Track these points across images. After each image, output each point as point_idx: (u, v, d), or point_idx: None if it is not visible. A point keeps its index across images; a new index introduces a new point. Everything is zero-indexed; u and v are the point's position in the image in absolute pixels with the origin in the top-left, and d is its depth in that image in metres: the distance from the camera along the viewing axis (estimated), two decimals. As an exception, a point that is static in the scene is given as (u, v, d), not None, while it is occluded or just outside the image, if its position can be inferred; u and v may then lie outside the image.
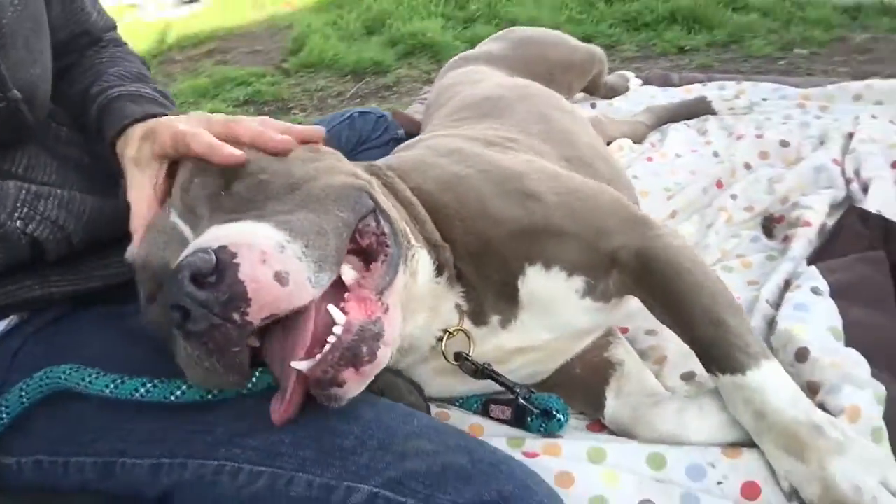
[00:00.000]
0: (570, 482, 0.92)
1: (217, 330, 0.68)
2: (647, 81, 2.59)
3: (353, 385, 0.74)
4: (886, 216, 1.43)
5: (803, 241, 1.41)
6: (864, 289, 1.20)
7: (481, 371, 1.02)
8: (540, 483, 0.76)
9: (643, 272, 1.04)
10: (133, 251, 0.89)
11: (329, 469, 0.75)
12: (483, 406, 1.12)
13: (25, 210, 0.89)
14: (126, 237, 1.04)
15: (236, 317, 0.68)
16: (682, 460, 0.95)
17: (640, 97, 2.46)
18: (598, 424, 1.11)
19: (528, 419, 1.06)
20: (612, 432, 1.08)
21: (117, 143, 1.02)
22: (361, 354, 0.73)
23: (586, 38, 3.24)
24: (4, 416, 0.83)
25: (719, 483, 0.92)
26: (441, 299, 1.01)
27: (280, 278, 0.70)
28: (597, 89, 2.33)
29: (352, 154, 1.65)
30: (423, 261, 0.98)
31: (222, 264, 0.68)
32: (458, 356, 1.02)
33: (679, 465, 0.94)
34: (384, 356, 0.75)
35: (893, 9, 3.09)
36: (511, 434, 1.05)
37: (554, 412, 1.04)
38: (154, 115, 1.00)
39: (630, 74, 2.55)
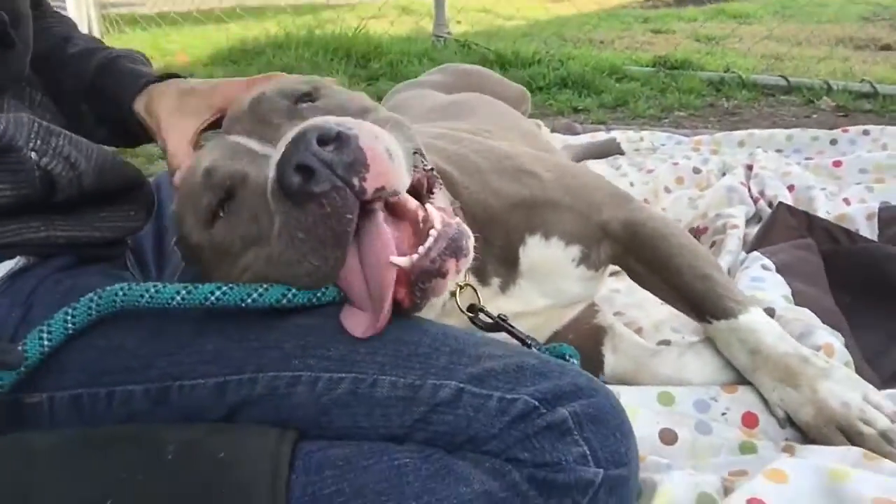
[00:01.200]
0: (593, 418, 0.98)
1: (336, 193, 0.70)
2: (553, 130, 2.81)
3: (451, 278, 0.76)
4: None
5: (734, 238, 1.58)
6: (802, 267, 1.37)
7: (495, 324, 1.07)
8: (597, 381, 0.81)
9: (632, 240, 1.15)
10: (181, 175, 0.89)
11: (411, 371, 0.76)
12: (488, 369, 1.16)
13: (39, 142, 0.86)
14: (128, 195, 1.03)
15: (355, 181, 0.71)
16: (688, 396, 1.04)
17: (553, 141, 2.65)
18: (594, 383, 1.18)
19: (541, 369, 1.11)
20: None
21: (137, 99, 1.06)
22: (462, 246, 0.77)
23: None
24: (46, 344, 0.77)
25: (723, 414, 1.02)
26: None
27: (390, 154, 0.74)
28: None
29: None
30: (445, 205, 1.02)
31: (343, 134, 0.71)
32: (472, 308, 1.06)
33: (686, 400, 1.04)
34: (472, 253, 0.79)
35: (750, 83, 3.54)
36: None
37: (567, 357, 1.10)
38: (168, 76, 1.08)
39: (541, 122, 2.74)
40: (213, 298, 0.78)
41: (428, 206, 0.80)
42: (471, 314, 1.06)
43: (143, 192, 1.06)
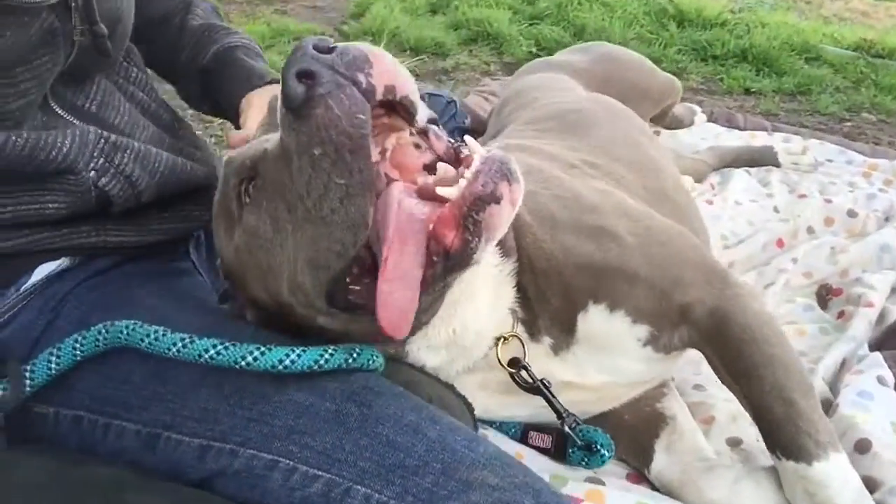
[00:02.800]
0: (610, 536, 0.89)
1: (342, 92, 0.66)
2: (712, 118, 2.54)
3: (507, 208, 0.70)
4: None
5: (864, 322, 1.37)
6: (928, 387, 1.16)
7: (534, 387, 0.98)
8: None
9: (716, 333, 1.00)
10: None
11: (389, 486, 0.71)
12: (522, 433, 1.08)
13: (102, 161, 0.86)
14: (193, 195, 1.02)
15: (361, 77, 0.67)
16: (729, 533, 0.92)
17: (705, 133, 2.41)
18: (637, 475, 1.08)
19: (570, 450, 1.03)
20: (651, 486, 1.05)
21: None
22: (513, 169, 0.71)
23: (653, 60, 3.20)
24: (54, 368, 0.79)
25: (764, 565, 0.89)
26: (501, 288, 0.97)
27: (392, 61, 0.70)
28: (662, 118, 2.28)
29: (418, 136, 1.61)
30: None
31: (339, 45, 0.68)
32: (515, 362, 0.98)
33: (724, 537, 0.91)
34: (522, 181, 0.73)
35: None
36: (554, 471, 1.01)
37: (598, 447, 1.01)
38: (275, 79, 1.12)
39: (697, 108, 2.49)
40: (206, 357, 0.75)
41: (469, 139, 0.74)
42: (512, 369, 0.99)
43: (210, 191, 1.04)
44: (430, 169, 0.78)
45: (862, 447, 1.02)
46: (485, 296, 0.94)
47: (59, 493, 0.70)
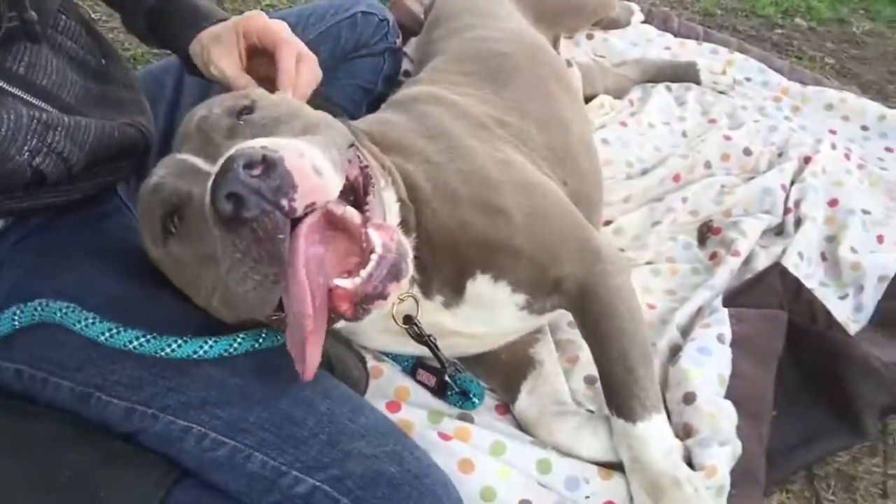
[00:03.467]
0: (470, 469, 1.10)
1: (267, 216, 0.76)
2: (647, 19, 2.57)
3: (392, 298, 0.83)
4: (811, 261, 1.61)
5: (726, 271, 1.56)
6: (758, 343, 1.37)
7: (424, 340, 1.15)
8: (451, 496, 0.92)
9: (581, 303, 1.18)
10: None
11: (283, 454, 0.88)
12: (413, 367, 1.27)
13: (34, 142, 0.91)
14: (120, 154, 1.08)
15: (284, 203, 0.76)
16: (564, 470, 1.14)
17: (637, 38, 2.46)
18: (504, 407, 1.28)
19: (449, 393, 1.22)
20: (515, 418, 1.26)
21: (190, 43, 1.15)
22: (402, 269, 0.83)
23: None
24: (-6, 335, 0.91)
25: (587, 497, 1.13)
26: None
27: (316, 170, 0.79)
28: (598, 23, 2.32)
29: (346, 58, 1.64)
30: (391, 202, 1.07)
31: (269, 158, 0.76)
32: (408, 319, 1.14)
33: (561, 473, 1.14)
34: (411, 269, 0.86)
35: (901, 1, 3.10)
36: (433, 406, 1.21)
37: (471, 395, 1.21)
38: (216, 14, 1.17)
39: (635, 7, 2.52)
40: (131, 347, 0.88)
41: (369, 228, 0.84)
42: (405, 325, 1.15)
43: (139, 149, 1.11)
44: (343, 195, 0.87)
45: (688, 399, 1.23)
46: None
47: (7, 446, 0.85)
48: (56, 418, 0.92)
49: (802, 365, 1.41)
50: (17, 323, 0.91)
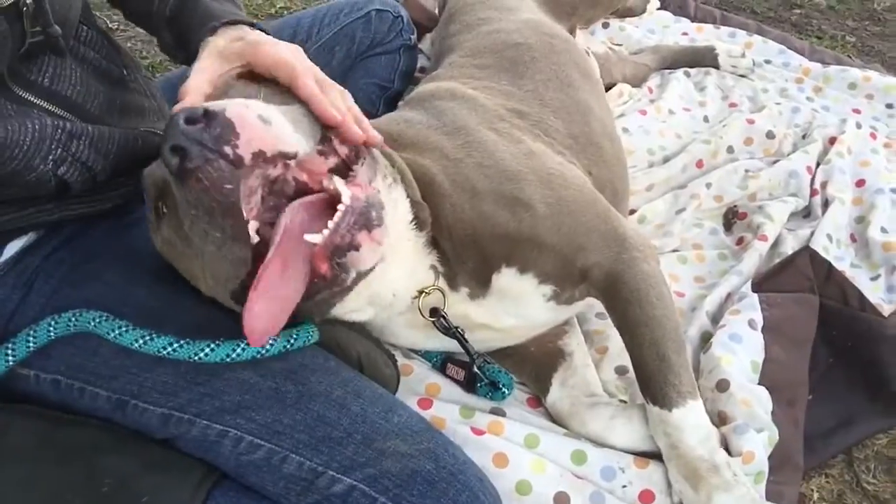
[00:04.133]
0: (504, 463, 1.10)
1: (210, 165, 0.77)
2: (663, 5, 2.55)
3: (369, 250, 0.83)
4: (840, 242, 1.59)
5: (755, 255, 1.54)
6: (790, 328, 1.36)
7: (451, 332, 1.15)
8: (487, 491, 0.92)
9: (610, 292, 1.17)
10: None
11: (318, 455, 0.89)
12: (442, 363, 1.27)
13: (59, 151, 0.92)
14: (144, 162, 1.09)
15: (228, 150, 0.77)
16: (600, 460, 1.13)
17: (653, 24, 2.44)
18: (535, 400, 1.28)
19: (478, 385, 1.22)
20: (547, 411, 1.26)
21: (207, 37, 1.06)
22: (372, 218, 0.84)
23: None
24: (31, 345, 0.92)
25: (624, 486, 1.12)
26: (420, 255, 1.10)
27: (263, 119, 0.80)
28: (615, 11, 2.30)
29: (362, 57, 1.65)
30: (400, 199, 1.06)
31: (210, 110, 0.77)
32: (435, 311, 1.13)
33: (596, 463, 1.13)
34: (390, 222, 0.86)
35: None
36: (464, 401, 1.21)
37: (500, 385, 1.20)
38: (241, 20, 1.08)
39: (652, -4, 2.50)
40: (165, 353, 0.89)
41: (335, 179, 0.85)
42: (433, 318, 1.14)
43: None
44: (338, 171, 0.89)
45: (722, 386, 1.22)
46: (398, 267, 1.05)
47: (48, 454, 0.87)
48: (94, 425, 0.93)
49: (836, 348, 1.40)
50: (52, 333, 0.92)
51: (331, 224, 0.81)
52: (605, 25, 2.36)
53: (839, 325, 1.40)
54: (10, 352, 0.91)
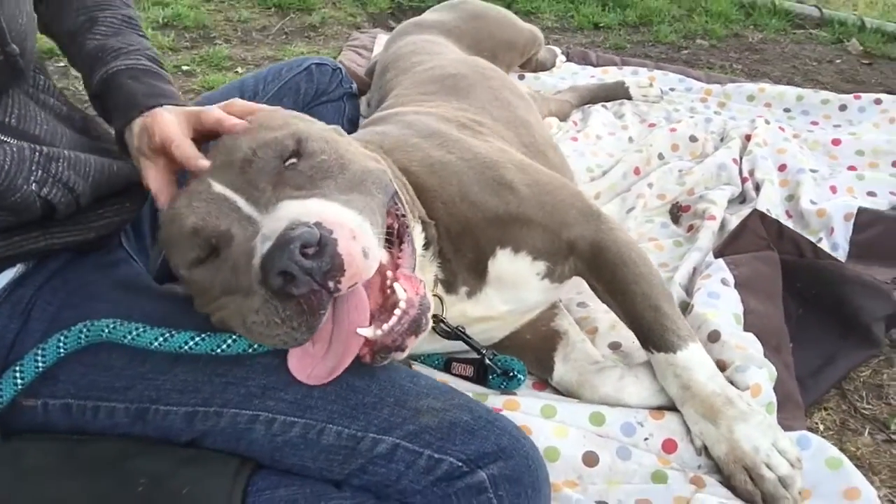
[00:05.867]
0: (528, 433, 1.09)
1: (313, 294, 0.79)
2: (568, 57, 2.76)
3: (409, 349, 0.88)
4: (779, 218, 1.70)
5: (708, 233, 1.64)
6: (759, 283, 1.44)
7: (454, 333, 1.17)
8: (525, 436, 0.92)
9: (595, 260, 1.22)
10: (168, 212, 0.95)
11: (355, 422, 0.87)
12: (445, 363, 1.27)
13: (40, 173, 0.92)
14: (123, 191, 1.10)
15: (331, 284, 0.80)
16: (618, 419, 1.15)
17: (563, 73, 2.63)
18: (540, 384, 1.30)
19: (490, 377, 1.22)
20: (554, 391, 1.27)
21: (124, 131, 1.08)
22: (422, 324, 0.88)
23: (508, 3, 3.37)
24: (41, 364, 0.88)
25: (646, 439, 1.13)
26: (424, 270, 1.14)
27: (365, 253, 0.82)
28: (528, 64, 2.48)
29: (308, 107, 1.70)
30: (416, 235, 1.10)
31: (324, 239, 0.78)
32: (434, 318, 1.15)
33: (615, 422, 1.14)
34: (430, 325, 0.90)
35: (782, 10, 3.41)
36: (475, 390, 1.21)
37: (514, 372, 1.21)
38: (153, 105, 1.06)
39: (557, 50, 2.70)
40: (186, 348, 0.88)
41: (396, 284, 0.89)
42: (433, 324, 1.16)
43: (137, 186, 1.12)
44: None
45: (713, 337, 1.27)
46: None
47: (73, 469, 0.82)
48: (115, 438, 0.89)
49: (803, 298, 1.48)
50: (62, 349, 0.89)
51: (385, 327, 0.87)
52: (521, 77, 2.53)
53: (802, 276, 1.48)
54: (17, 375, 0.87)
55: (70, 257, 1.03)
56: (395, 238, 0.96)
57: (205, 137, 1.04)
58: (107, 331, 0.88)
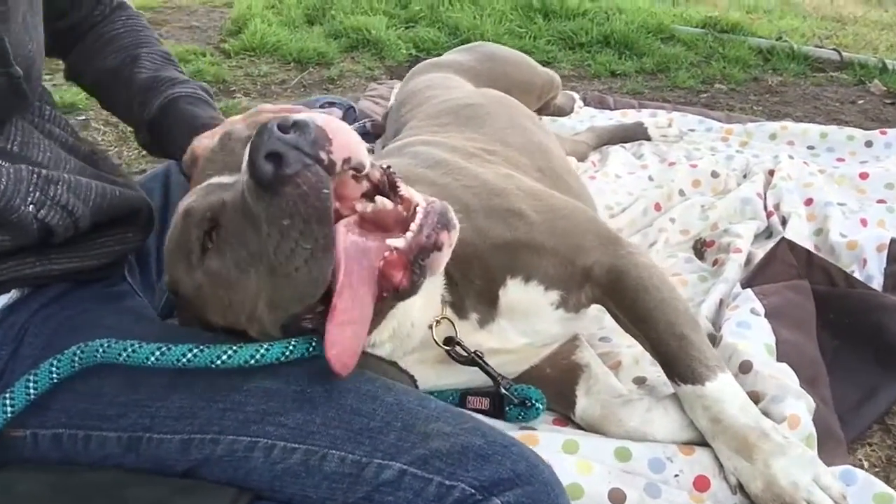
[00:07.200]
0: (549, 470, 1.03)
1: (308, 170, 0.75)
2: (585, 102, 2.76)
3: (446, 251, 0.82)
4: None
5: (734, 265, 1.58)
6: (791, 312, 1.37)
7: (470, 359, 1.11)
8: (544, 463, 0.85)
9: (614, 287, 1.16)
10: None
11: (360, 447, 0.81)
12: (460, 398, 1.21)
13: (38, 195, 0.90)
14: (126, 220, 1.07)
15: (323, 155, 0.75)
16: (645, 454, 1.07)
17: (581, 116, 2.62)
18: (562, 420, 1.22)
19: (508, 408, 1.16)
20: (577, 427, 1.20)
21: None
22: (450, 218, 0.83)
23: (525, 52, 3.39)
24: (32, 392, 0.84)
25: (676, 476, 1.05)
26: (434, 283, 1.08)
27: (346, 129, 0.79)
28: (546, 109, 2.46)
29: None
30: None
31: (300, 120, 0.75)
32: (449, 340, 1.10)
33: (642, 458, 1.07)
34: (458, 224, 0.85)
35: (801, 55, 3.40)
36: (492, 424, 1.14)
37: (533, 401, 1.15)
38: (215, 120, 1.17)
39: (576, 96, 2.70)
40: (184, 360, 0.83)
41: (403, 191, 0.83)
42: (447, 347, 1.10)
43: (142, 214, 1.10)
44: (367, 196, 0.87)
45: (745, 368, 1.20)
46: (420, 300, 1.01)
47: (66, 498, 0.77)
48: (109, 468, 0.84)
49: (837, 329, 1.40)
50: (55, 376, 0.84)
51: (414, 226, 0.80)
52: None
53: (834, 306, 1.41)
54: (7, 403, 0.83)
55: (69, 286, 1.00)
56: (387, 187, 0.89)
57: None
58: (101, 351, 0.84)
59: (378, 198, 0.85)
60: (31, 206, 0.89)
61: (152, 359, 0.83)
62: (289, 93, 2.95)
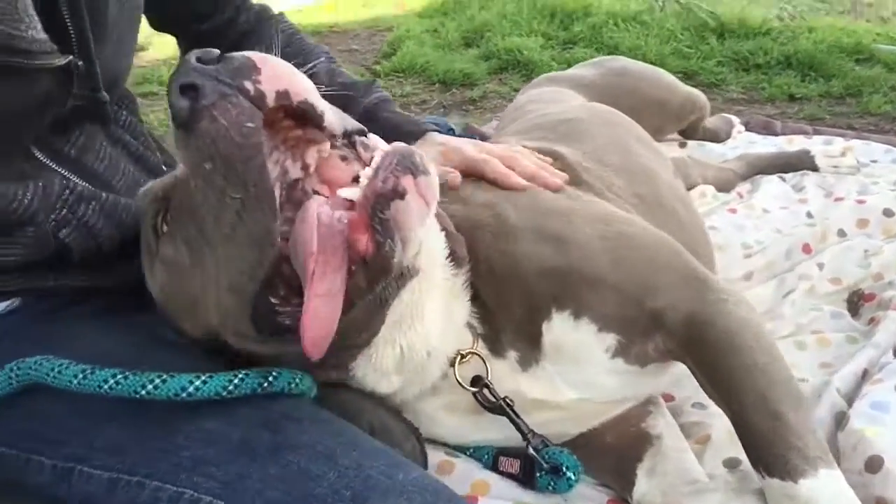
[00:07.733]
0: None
1: (228, 101, 0.64)
2: (748, 127, 2.42)
3: (415, 199, 0.68)
4: None
5: (892, 326, 1.24)
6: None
7: (498, 406, 0.92)
8: None
9: (692, 340, 0.92)
10: None
11: (294, 517, 0.66)
12: (494, 458, 1.01)
13: (64, 212, 0.85)
14: None
15: (248, 84, 0.65)
16: (708, 566, 0.82)
17: (736, 142, 2.29)
18: (618, 501, 0.99)
19: (538, 474, 0.95)
20: (635, 514, 0.96)
21: None
22: (417, 161, 0.69)
23: (690, 74, 3.11)
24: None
25: None
26: (457, 301, 0.92)
27: (286, 65, 0.69)
28: (694, 132, 2.18)
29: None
30: (432, 226, 0.88)
31: (226, 54, 0.67)
32: (477, 381, 0.92)
33: (704, 570, 0.82)
34: (432, 172, 0.70)
35: None
36: (519, 498, 0.94)
37: (564, 469, 0.93)
38: (425, 130, 1.19)
39: (736, 120, 2.37)
40: (105, 387, 0.73)
41: (374, 137, 0.74)
42: (475, 388, 0.92)
43: None
44: (359, 180, 0.75)
45: (872, 465, 0.90)
46: (434, 311, 0.88)
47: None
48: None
49: None
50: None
51: (367, 170, 0.69)
52: (682, 145, 2.23)
53: None
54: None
55: (70, 299, 0.94)
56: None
57: None
58: (33, 368, 0.76)
59: (363, 172, 0.72)
60: (52, 223, 0.85)
61: (75, 382, 0.73)
62: (426, 113, 2.88)
